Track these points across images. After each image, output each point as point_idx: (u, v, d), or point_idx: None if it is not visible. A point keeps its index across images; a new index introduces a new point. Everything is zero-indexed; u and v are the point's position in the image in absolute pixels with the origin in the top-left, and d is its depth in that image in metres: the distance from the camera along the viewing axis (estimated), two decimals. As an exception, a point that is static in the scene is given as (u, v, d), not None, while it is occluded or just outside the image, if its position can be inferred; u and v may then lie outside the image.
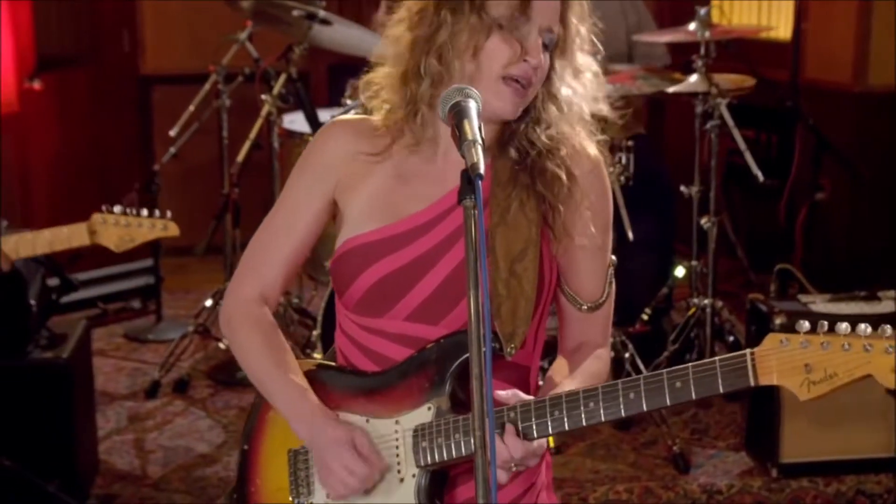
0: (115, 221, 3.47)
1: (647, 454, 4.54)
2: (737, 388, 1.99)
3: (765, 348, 1.97)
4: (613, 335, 4.70)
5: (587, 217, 2.22)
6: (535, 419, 2.08)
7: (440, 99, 2.02)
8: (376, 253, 2.20)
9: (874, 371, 1.90)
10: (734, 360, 1.98)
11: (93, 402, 4.48)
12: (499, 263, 2.16)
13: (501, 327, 2.14)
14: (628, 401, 2.04)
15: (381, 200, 2.24)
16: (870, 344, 1.90)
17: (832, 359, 1.92)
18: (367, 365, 2.25)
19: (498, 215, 2.19)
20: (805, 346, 1.94)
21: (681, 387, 2.01)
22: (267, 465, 2.33)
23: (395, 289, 2.20)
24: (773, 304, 4.36)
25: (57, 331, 4.22)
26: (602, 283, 2.30)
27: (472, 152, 1.88)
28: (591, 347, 2.31)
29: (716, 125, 4.73)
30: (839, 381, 1.93)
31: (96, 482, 4.31)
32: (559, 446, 4.53)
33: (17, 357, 4.00)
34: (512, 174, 2.21)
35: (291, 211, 2.30)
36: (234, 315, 2.32)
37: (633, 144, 4.84)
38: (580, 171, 2.23)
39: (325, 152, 2.28)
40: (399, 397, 2.19)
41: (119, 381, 5.20)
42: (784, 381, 1.95)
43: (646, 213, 5.10)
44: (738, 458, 4.50)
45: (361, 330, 2.25)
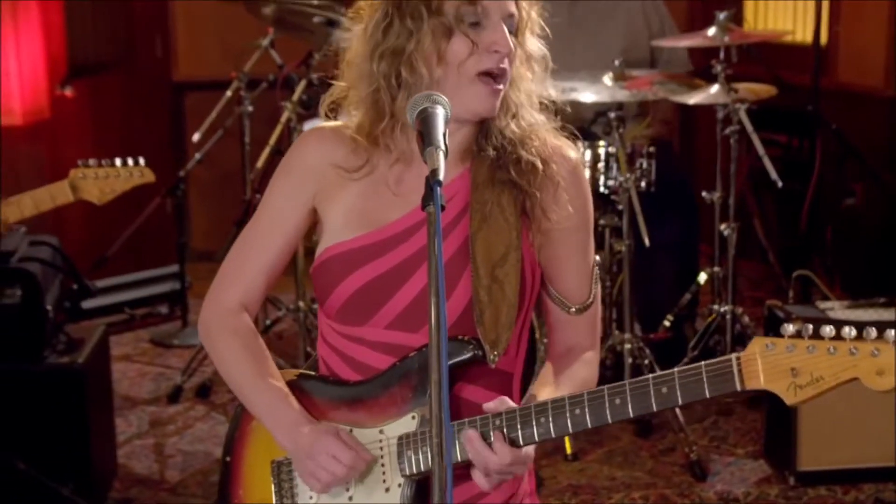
0: (95, 175, 3.55)
1: (665, 461, 4.52)
2: (723, 392, 1.98)
3: (750, 353, 1.96)
4: (632, 341, 4.68)
5: (564, 200, 2.20)
6: (521, 426, 2.07)
7: (408, 105, 2.02)
8: (356, 261, 2.20)
9: (860, 374, 1.89)
10: (720, 365, 1.97)
11: (111, 407, 4.51)
12: (479, 269, 2.15)
13: (485, 334, 2.14)
14: (614, 407, 2.03)
15: (360, 208, 2.23)
16: (855, 347, 1.89)
17: (818, 362, 1.91)
18: (349, 374, 2.25)
19: (478, 221, 2.18)
20: (791, 349, 1.92)
21: (667, 392, 2.00)
22: (250, 476, 2.33)
23: (375, 297, 2.20)
24: (790, 310, 4.33)
25: (75, 336, 4.25)
26: (588, 283, 2.29)
27: (434, 158, 1.89)
28: (580, 351, 2.30)
29: (735, 130, 4.69)
30: (825, 385, 1.91)
31: (114, 486, 4.35)
32: (576, 452, 4.52)
33: (33, 361, 4.03)
34: (490, 173, 2.20)
35: (270, 220, 2.30)
36: (213, 323, 2.32)
37: (654, 151, 4.82)
38: (557, 167, 2.22)
39: (303, 161, 2.28)
40: (383, 406, 2.19)
41: (142, 386, 5.24)
42: (770, 386, 1.94)
43: (669, 220, 5.09)
44: (756, 465, 4.46)
45: (343, 338, 2.25)
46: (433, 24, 2.13)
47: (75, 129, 6.36)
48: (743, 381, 1.95)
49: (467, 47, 2.13)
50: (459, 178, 2.23)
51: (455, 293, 2.15)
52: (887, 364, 1.87)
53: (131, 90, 6.94)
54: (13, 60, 5.84)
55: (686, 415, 4.76)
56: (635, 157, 4.78)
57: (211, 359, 2.37)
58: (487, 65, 2.13)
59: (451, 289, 2.15)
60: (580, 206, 2.26)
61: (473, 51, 2.13)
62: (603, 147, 4.73)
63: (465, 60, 2.13)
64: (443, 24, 2.13)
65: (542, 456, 4.53)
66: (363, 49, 2.21)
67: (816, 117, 5.49)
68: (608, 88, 4.67)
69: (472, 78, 2.14)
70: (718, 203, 4.83)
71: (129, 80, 6.93)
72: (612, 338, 4.77)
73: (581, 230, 2.26)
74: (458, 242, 2.18)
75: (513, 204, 2.19)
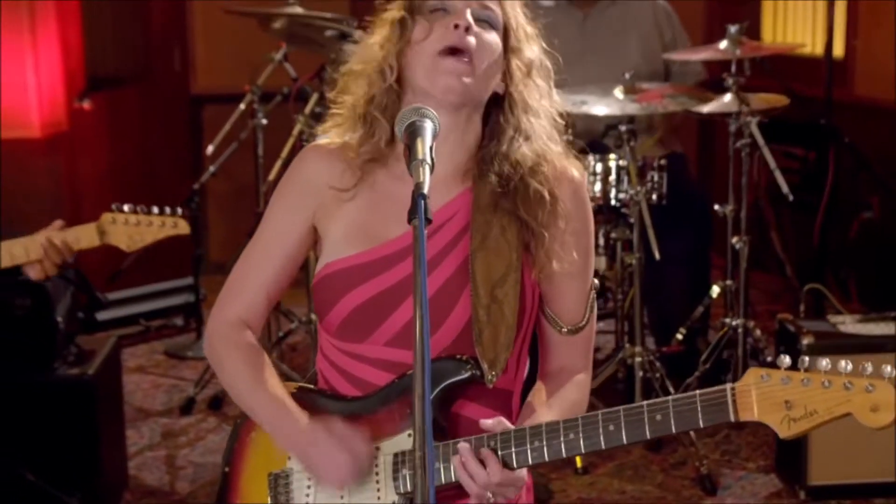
0: (125, 220, 3.41)
1: (675, 475, 4.50)
2: (717, 422, 1.99)
3: (745, 383, 1.95)
4: (643, 355, 4.67)
5: (570, 243, 2.21)
6: (516, 448, 2.08)
7: (397, 118, 2.03)
8: (355, 278, 2.21)
9: (854, 410, 1.88)
10: (715, 395, 1.97)
11: (122, 418, 4.53)
12: (479, 289, 2.15)
13: (483, 354, 2.14)
14: (608, 433, 2.04)
15: (359, 225, 2.24)
16: (850, 382, 1.88)
17: (813, 396, 1.90)
18: (348, 389, 2.26)
19: (478, 240, 2.18)
20: (786, 382, 1.92)
21: (661, 420, 2.00)
22: (247, 488, 2.34)
23: (374, 314, 2.20)
24: (801, 324, 4.31)
25: (86, 347, 4.26)
26: (583, 306, 2.28)
27: (419, 171, 1.89)
28: (571, 373, 2.30)
29: (746, 143, 4.68)
30: (819, 419, 1.91)
31: (125, 497, 4.36)
32: (586, 466, 4.51)
33: (43, 373, 4.04)
34: (493, 199, 2.20)
35: (270, 237, 2.31)
36: (216, 338, 2.33)
37: (665, 163, 4.82)
38: (562, 193, 2.22)
39: (302, 178, 2.30)
40: (380, 423, 2.19)
41: (156, 398, 5.26)
42: (764, 418, 1.94)
43: (682, 232, 5.07)
44: (767, 480, 4.44)
45: (343, 354, 2.26)
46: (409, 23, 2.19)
47: (93, 142, 6.39)
48: (737, 412, 1.95)
49: (425, 30, 2.17)
50: (461, 197, 2.24)
51: (454, 312, 2.16)
52: (882, 400, 1.86)
53: (149, 103, 6.97)
54: (31, 73, 5.87)
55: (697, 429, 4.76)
56: (647, 169, 4.78)
57: (215, 371, 2.39)
58: (446, 41, 2.15)
59: (451, 308, 2.16)
60: (581, 225, 2.26)
61: (432, 30, 2.16)
62: (614, 160, 4.73)
63: (424, 41, 2.16)
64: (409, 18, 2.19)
65: (552, 469, 4.53)
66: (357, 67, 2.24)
67: (830, 130, 5.47)
68: (618, 101, 4.67)
69: (434, 57, 2.15)
70: (731, 216, 4.82)
71: (147, 92, 6.96)
72: (622, 351, 4.75)
73: (580, 248, 2.25)
74: (458, 262, 2.19)
75: (515, 226, 2.19)
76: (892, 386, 1.86)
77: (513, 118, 2.22)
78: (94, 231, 3.40)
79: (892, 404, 1.86)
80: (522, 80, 2.23)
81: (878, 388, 1.86)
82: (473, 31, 2.17)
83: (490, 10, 2.20)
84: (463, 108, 2.20)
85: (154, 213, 3.40)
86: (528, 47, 2.26)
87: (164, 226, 3.41)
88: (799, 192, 5.93)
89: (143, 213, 3.40)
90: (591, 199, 4.58)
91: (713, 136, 7.13)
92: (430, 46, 2.16)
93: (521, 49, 2.24)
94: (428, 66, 2.16)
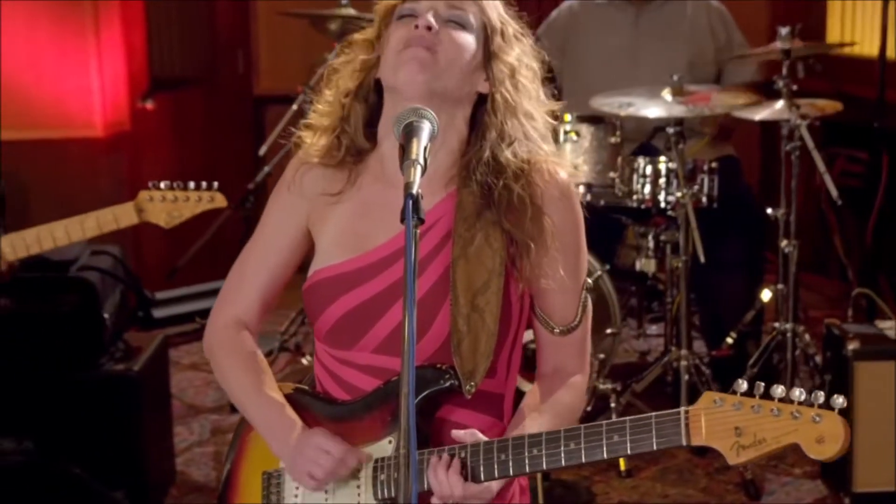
0: (163, 197, 3.45)
1: (719, 479, 4.47)
2: (670, 445, 1.95)
3: (698, 407, 1.93)
4: (688, 358, 4.64)
5: (557, 259, 2.19)
6: (483, 461, 2.07)
7: (394, 119, 2.04)
8: (342, 286, 2.22)
9: (800, 440, 1.85)
10: (668, 417, 1.95)
11: (169, 414, 4.59)
12: (459, 298, 2.14)
13: (461, 365, 2.14)
14: (568, 451, 2.02)
15: (347, 232, 2.26)
16: (798, 412, 1.84)
17: (762, 424, 1.87)
18: (339, 393, 2.27)
19: (459, 247, 2.17)
20: (738, 407, 1.89)
21: (618, 441, 1.98)
22: (244, 486, 2.36)
23: (361, 322, 2.21)
24: (847, 328, 4.26)
25: (134, 344, 4.33)
26: (574, 306, 2.26)
27: (410, 171, 1.90)
28: (566, 374, 2.28)
29: (796, 147, 4.63)
30: (767, 448, 1.87)
31: (171, 492, 4.42)
32: (630, 469, 4.49)
33: (90, 369, 4.11)
34: (476, 207, 2.19)
35: (264, 242, 2.35)
36: (214, 340, 2.37)
37: (717, 166, 4.78)
38: (550, 198, 2.21)
39: (294, 183, 2.32)
40: (364, 428, 2.21)
41: (207, 395, 5.32)
42: (713, 443, 1.91)
43: (733, 237, 5.04)
44: (813, 486, 4.40)
45: (333, 359, 2.27)
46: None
47: (156, 142, 6.48)
48: (689, 436, 1.92)
49: (392, 33, 2.20)
50: (444, 202, 2.23)
51: (437, 321, 2.16)
52: (828, 432, 1.82)
53: (213, 104, 7.06)
54: (95, 74, 5.98)
55: (746, 433, 4.73)
56: (697, 172, 4.75)
57: (214, 373, 2.42)
58: (406, 36, 2.17)
59: (433, 316, 2.16)
60: (568, 224, 2.23)
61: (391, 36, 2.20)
62: (664, 162, 4.70)
63: (391, 43, 2.20)
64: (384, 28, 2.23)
65: (595, 472, 4.52)
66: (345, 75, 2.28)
67: (883, 133, 5.40)
68: (666, 104, 4.65)
69: (397, 53, 2.18)
70: (782, 220, 4.77)
71: (210, 94, 7.05)
72: (669, 354, 4.73)
73: (567, 247, 2.23)
74: (440, 271, 2.18)
75: (497, 228, 2.18)
76: (838, 417, 1.82)
77: (496, 120, 2.20)
78: (132, 209, 3.45)
79: (838, 436, 1.82)
80: (507, 82, 2.22)
81: (824, 418, 1.82)
82: (434, 29, 2.17)
83: (459, 10, 2.20)
84: (435, 103, 2.14)
85: (190, 189, 3.43)
86: (512, 49, 2.25)
87: (200, 200, 3.46)
88: (863, 196, 5.88)
89: (179, 189, 3.44)
90: (640, 202, 4.66)
91: (776, 138, 7.04)
92: (393, 46, 2.19)
93: (504, 50, 2.24)
94: (392, 63, 2.18)
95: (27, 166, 5.91)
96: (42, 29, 5.83)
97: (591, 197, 4.73)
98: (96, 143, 6.03)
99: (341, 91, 2.29)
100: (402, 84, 2.17)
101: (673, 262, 4.76)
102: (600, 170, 4.74)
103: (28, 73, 5.84)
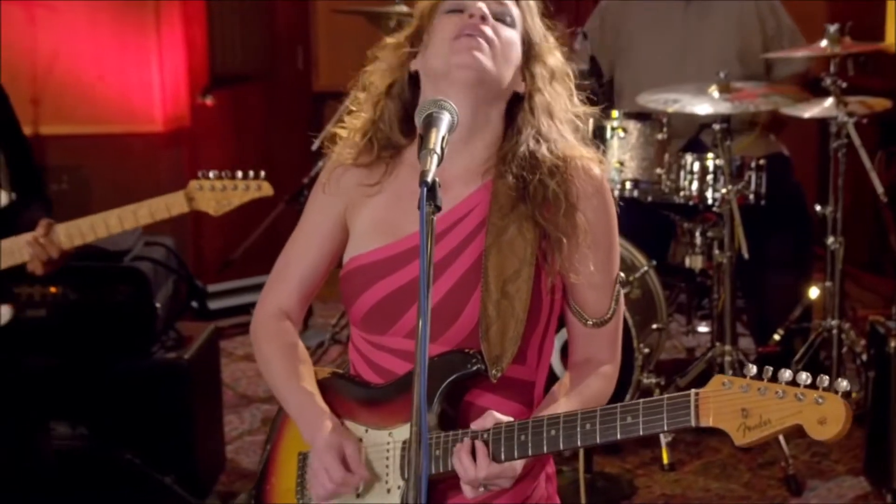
0: (212, 186, 3.53)
1: (762, 475, 4.50)
2: (680, 427, 2.01)
3: (708, 390, 1.97)
4: (732, 354, 4.67)
5: (588, 256, 2.24)
6: (504, 442, 2.13)
7: (417, 109, 2.11)
8: (377, 273, 2.29)
9: (803, 421, 1.89)
10: (679, 399, 2.00)
11: (220, 403, 4.69)
12: (490, 285, 2.20)
13: (489, 350, 2.19)
14: (584, 431, 2.07)
15: (381, 220, 2.32)
16: (802, 394, 1.89)
17: (767, 405, 1.91)
18: (372, 377, 2.34)
19: (493, 236, 2.23)
20: (745, 390, 1.93)
21: (631, 422, 2.03)
22: (282, 466, 2.44)
23: (395, 307, 2.28)
24: (891, 325, 4.27)
25: (185, 334, 4.43)
26: (608, 299, 2.31)
27: (427, 160, 1.96)
28: (597, 364, 2.33)
29: (843, 144, 4.64)
30: (771, 429, 1.91)
31: (220, 479, 4.52)
32: (673, 463, 4.52)
33: (142, 356, 4.23)
34: (511, 200, 2.25)
35: (306, 234, 2.42)
36: (257, 329, 2.46)
37: (765, 163, 4.80)
38: (584, 195, 2.26)
39: (333, 177, 2.39)
40: (394, 410, 2.27)
41: (259, 385, 5.40)
42: (721, 424, 1.95)
43: (781, 234, 5.05)
44: (855, 482, 4.41)
45: (368, 344, 2.34)
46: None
47: (215, 137, 6.59)
48: (698, 417, 1.96)
49: (442, 25, 2.25)
50: (479, 192, 2.29)
51: (468, 308, 2.22)
52: (830, 413, 1.86)
53: (272, 100, 7.16)
54: (156, 70, 6.10)
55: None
56: (744, 169, 4.77)
57: (256, 361, 2.50)
58: (461, 27, 2.22)
59: (464, 304, 2.22)
60: (601, 219, 2.29)
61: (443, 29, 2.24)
62: (711, 159, 4.73)
63: (442, 35, 2.24)
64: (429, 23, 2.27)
65: (638, 465, 4.57)
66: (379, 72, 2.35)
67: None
68: (711, 100, 4.66)
69: (450, 42, 2.23)
70: (830, 217, 4.78)
71: (269, 90, 7.15)
72: (713, 350, 4.75)
73: (601, 242, 2.28)
74: (474, 258, 2.25)
75: (531, 227, 2.23)
76: (840, 399, 1.86)
77: (534, 119, 2.27)
78: (183, 198, 3.53)
79: (839, 417, 1.86)
80: (545, 84, 2.28)
81: (827, 400, 1.86)
82: (490, 21, 2.24)
83: (506, 7, 2.27)
84: (480, 93, 2.22)
85: (238, 178, 3.53)
86: (550, 52, 2.31)
87: (248, 189, 3.54)
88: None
89: (227, 178, 3.53)
90: (687, 198, 4.69)
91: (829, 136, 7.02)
92: (446, 35, 2.24)
93: (543, 53, 2.30)
94: (444, 52, 2.23)
95: (90, 160, 6.07)
96: (104, 26, 5.96)
97: (638, 193, 4.77)
98: (157, 137, 6.15)
99: (374, 93, 2.36)
100: (458, 67, 2.22)
101: (717, 258, 4.77)
102: (647, 166, 4.77)
103: (91, 70, 5.98)
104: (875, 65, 4.99)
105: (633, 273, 4.64)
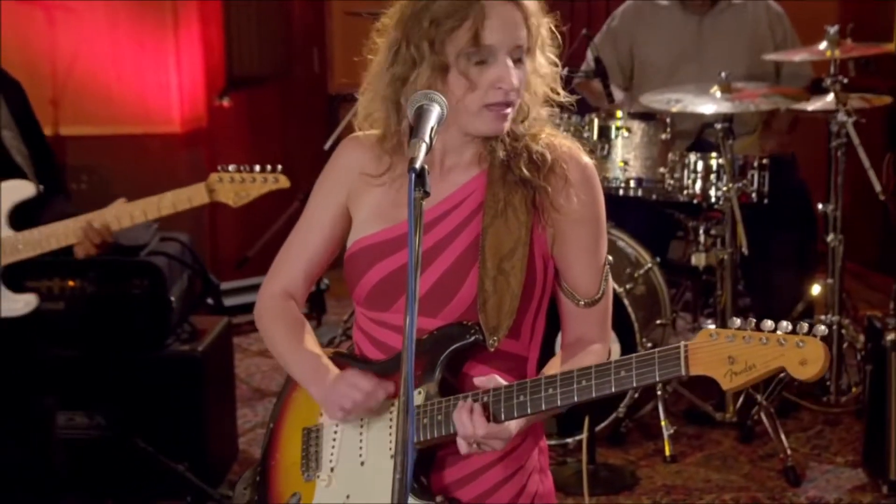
0: (231, 178, 3.68)
1: (762, 466, 4.60)
2: (671, 377, 2.13)
3: (697, 342, 2.10)
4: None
5: (573, 196, 2.36)
6: (504, 402, 2.25)
7: (408, 103, 2.23)
8: (379, 253, 2.41)
9: (786, 363, 2.01)
10: (670, 352, 2.12)
11: (233, 394, 4.82)
12: (487, 262, 2.33)
13: (486, 321, 2.32)
14: (581, 387, 2.20)
15: (384, 205, 2.45)
16: (784, 339, 2.01)
17: (752, 352, 2.04)
18: (375, 353, 2.46)
19: (490, 217, 2.36)
20: (731, 339, 2.06)
21: (624, 375, 2.16)
22: (286, 441, 2.57)
23: (397, 285, 2.40)
24: (888, 320, 4.36)
25: (199, 327, 4.56)
26: (597, 279, 2.44)
27: (415, 148, 2.08)
28: (588, 342, 2.45)
29: (842, 143, 4.74)
30: (756, 373, 2.04)
31: (233, 469, 4.64)
32: (675, 455, 4.62)
33: (156, 349, 4.36)
34: (507, 185, 2.37)
35: (310, 219, 2.54)
36: (262, 308, 2.57)
37: (768, 163, 4.89)
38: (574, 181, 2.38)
39: (338, 166, 2.51)
40: (397, 382, 2.39)
41: (273, 379, 5.53)
42: (710, 372, 2.08)
43: (784, 232, 5.14)
44: (853, 474, 4.51)
45: (371, 322, 2.47)
46: (432, 60, 2.30)
47: (232, 138, 6.71)
48: (688, 367, 2.09)
49: (463, 85, 2.30)
50: (477, 178, 2.42)
51: (466, 285, 2.35)
52: (810, 355, 1.98)
53: (288, 101, 7.27)
54: (173, 72, 6.23)
55: (792, 423, 4.85)
56: (748, 168, 4.87)
57: (263, 339, 2.62)
58: (492, 100, 2.31)
59: (462, 282, 2.35)
60: (590, 203, 2.41)
61: (471, 88, 2.30)
62: (715, 158, 4.83)
63: (464, 96, 2.30)
64: (441, 62, 2.30)
65: (641, 457, 4.68)
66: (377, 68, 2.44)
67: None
68: (714, 100, 4.76)
69: (479, 108, 2.31)
70: (831, 215, 4.88)
71: (285, 92, 7.27)
72: (714, 344, 4.83)
73: (590, 225, 2.41)
74: (472, 237, 2.38)
75: (524, 202, 2.37)
76: (819, 342, 1.99)
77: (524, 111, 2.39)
78: (204, 190, 3.68)
79: (819, 358, 1.99)
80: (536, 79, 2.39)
81: (807, 343, 1.99)
82: (514, 84, 2.32)
83: (521, 41, 2.34)
84: None
85: (256, 171, 3.68)
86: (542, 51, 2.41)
87: (266, 181, 3.69)
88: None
89: (246, 171, 3.68)
90: (690, 197, 4.79)
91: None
92: (473, 102, 2.31)
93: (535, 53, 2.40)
94: (472, 113, 2.32)
95: (109, 161, 6.20)
96: (122, 28, 6.09)
97: (642, 192, 4.87)
98: (175, 138, 6.28)
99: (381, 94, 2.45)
100: (483, 133, 2.35)
101: (719, 255, 4.87)
102: (650, 165, 4.87)
103: (109, 71, 6.11)
104: (878, 65, 5.07)
105: (638, 270, 4.74)
